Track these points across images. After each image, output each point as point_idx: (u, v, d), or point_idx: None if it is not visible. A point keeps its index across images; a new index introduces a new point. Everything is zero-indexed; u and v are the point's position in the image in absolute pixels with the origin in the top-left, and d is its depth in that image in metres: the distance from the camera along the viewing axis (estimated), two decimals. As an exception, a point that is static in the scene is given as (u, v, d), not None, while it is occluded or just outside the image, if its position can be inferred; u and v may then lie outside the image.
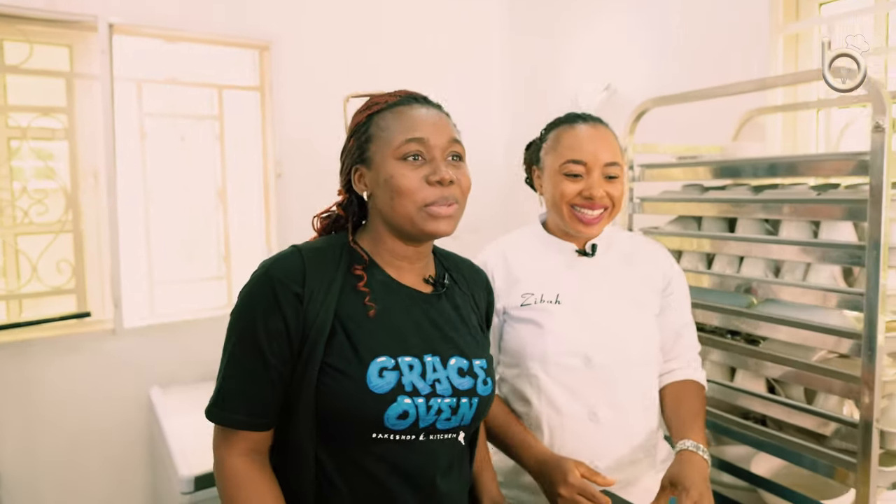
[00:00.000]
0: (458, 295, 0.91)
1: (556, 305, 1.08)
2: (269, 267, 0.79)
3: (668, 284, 1.12)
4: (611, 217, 1.08)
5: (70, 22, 1.94)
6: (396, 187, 0.79)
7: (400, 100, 0.84)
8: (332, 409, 0.76)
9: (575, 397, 1.06)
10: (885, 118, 1.01)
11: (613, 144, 1.08)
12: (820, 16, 1.69)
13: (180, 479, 1.33)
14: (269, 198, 2.22)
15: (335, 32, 2.25)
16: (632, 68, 2.06)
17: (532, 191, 1.21)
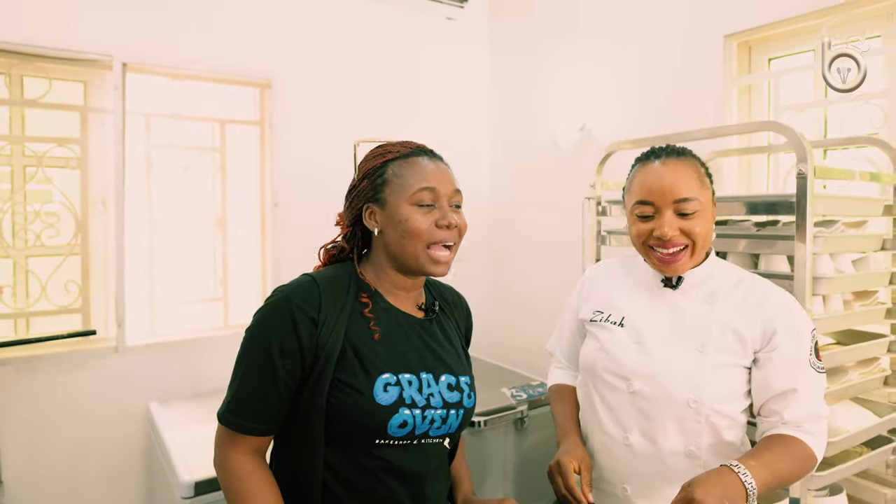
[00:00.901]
0: (444, 320, 1.05)
1: (618, 327, 1.10)
2: (289, 294, 0.91)
3: (769, 339, 1.02)
4: (696, 252, 1.04)
5: (88, 61, 2.11)
6: (410, 229, 0.93)
7: (412, 151, 0.99)
8: (343, 418, 0.89)
9: (614, 417, 1.08)
10: (806, 166, 1.18)
11: (688, 178, 1.02)
12: (769, 70, 1.88)
13: (181, 485, 1.44)
14: (265, 225, 2.37)
15: (331, 73, 2.44)
16: (604, 111, 2.26)
17: (524, 223, 1.32)
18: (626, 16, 2.18)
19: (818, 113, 1.77)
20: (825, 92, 1.76)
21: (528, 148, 2.63)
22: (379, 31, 2.55)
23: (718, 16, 1.87)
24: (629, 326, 1.09)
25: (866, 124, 1.61)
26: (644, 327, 1.08)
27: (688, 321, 1.05)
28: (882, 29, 1.62)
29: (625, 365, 1.07)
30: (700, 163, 1.07)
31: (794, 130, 1.21)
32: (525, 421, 1.92)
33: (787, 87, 1.85)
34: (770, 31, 1.81)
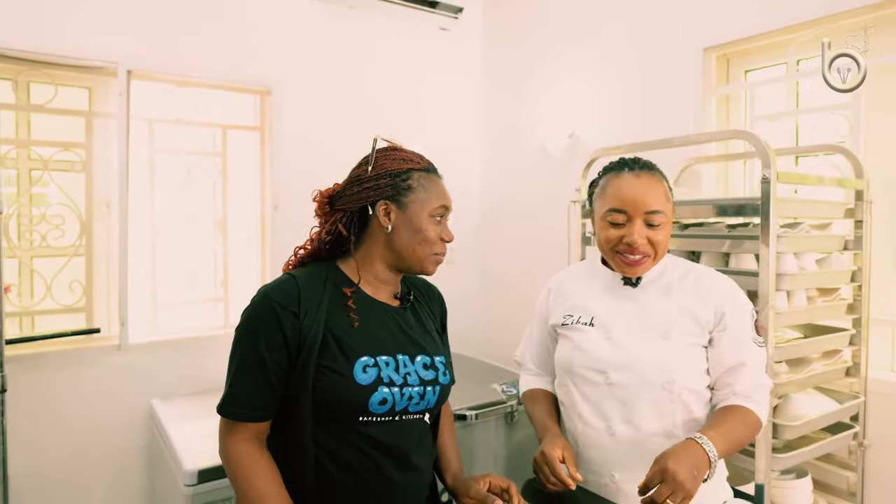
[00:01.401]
0: (419, 307, 1.17)
1: (588, 327, 1.22)
2: (269, 292, 1.02)
3: (720, 320, 1.16)
4: (656, 259, 1.18)
5: (94, 68, 2.20)
6: (426, 238, 1.08)
7: (430, 168, 1.13)
8: (328, 399, 0.99)
9: (595, 411, 1.19)
10: (770, 171, 1.30)
11: (657, 192, 1.15)
12: (746, 81, 2.02)
13: (185, 473, 1.54)
14: (265, 228, 2.48)
15: (328, 81, 2.57)
16: (592, 119, 2.39)
17: (515, 226, 1.41)
18: (613, 28, 2.32)
19: (791, 122, 1.90)
20: (797, 102, 1.89)
21: (520, 154, 2.76)
22: (375, 41, 2.68)
23: (698, 30, 2.01)
24: (599, 325, 1.20)
25: (833, 133, 1.74)
26: (612, 324, 1.19)
27: (650, 313, 1.18)
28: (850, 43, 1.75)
29: (600, 359, 1.18)
30: (665, 178, 1.20)
31: (760, 138, 1.33)
32: (515, 415, 2.03)
33: (763, 98, 1.98)
34: (746, 44, 1.94)
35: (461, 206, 2.89)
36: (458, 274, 2.90)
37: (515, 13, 2.81)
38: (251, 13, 2.39)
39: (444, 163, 2.96)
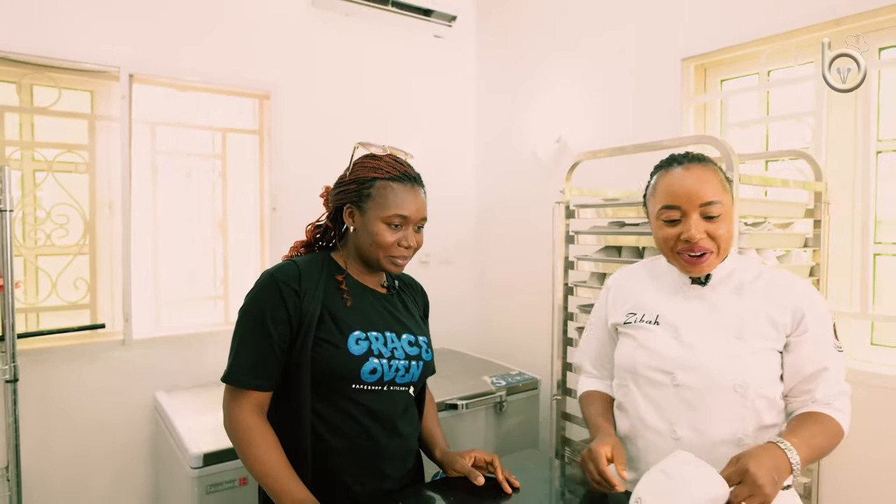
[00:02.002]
0: (404, 296, 1.34)
1: (654, 325, 1.18)
2: (274, 273, 1.18)
3: (800, 321, 1.11)
4: (720, 255, 1.12)
5: (96, 72, 2.32)
6: (377, 242, 1.19)
7: (398, 176, 1.21)
8: (324, 368, 1.14)
9: (659, 413, 1.15)
10: (733, 173, 1.46)
11: (711, 182, 1.09)
12: (721, 90, 2.19)
13: (191, 457, 1.67)
14: (264, 228, 2.62)
15: (326, 86, 2.71)
16: (579, 124, 2.56)
17: (507, 228, 1.50)
18: (598, 38, 2.49)
19: (762, 128, 2.07)
20: (767, 110, 2.07)
21: (512, 158, 2.92)
22: (371, 48, 2.83)
23: (677, 41, 2.18)
24: (664, 323, 1.17)
25: (799, 139, 1.91)
26: (680, 323, 1.15)
27: (722, 313, 1.13)
28: (813, 56, 1.92)
29: (667, 359, 1.13)
30: (720, 168, 1.15)
31: (725, 144, 1.50)
32: (503, 405, 2.18)
33: (738, 105, 2.15)
34: (721, 55, 2.11)
35: (456, 208, 3.08)
36: (454, 274, 3.06)
37: (506, 22, 2.98)
38: (250, 19, 2.53)
39: (440, 166, 3.18)
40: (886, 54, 1.80)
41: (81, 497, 2.21)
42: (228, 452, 1.69)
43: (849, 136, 1.84)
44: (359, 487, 1.17)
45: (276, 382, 1.16)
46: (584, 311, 1.94)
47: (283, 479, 1.09)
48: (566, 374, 1.99)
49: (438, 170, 3.04)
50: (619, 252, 1.86)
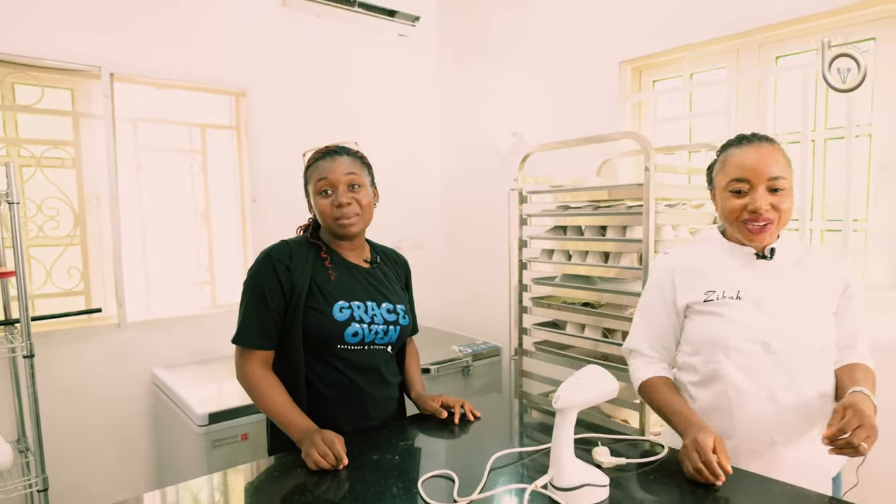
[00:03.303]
0: (386, 269, 1.66)
1: (737, 301, 1.32)
2: (270, 251, 1.51)
3: (846, 288, 1.35)
4: (780, 226, 1.29)
5: (78, 71, 2.57)
6: (318, 212, 1.51)
7: (321, 155, 1.51)
8: (313, 331, 1.47)
9: (755, 380, 1.29)
10: (651, 162, 1.87)
11: (777, 160, 1.27)
12: (654, 90, 2.62)
13: (197, 416, 2.01)
14: (245, 218, 2.94)
15: (298, 84, 3.04)
16: (532, 120, 2.96)
17: (470, 214, 1.81)
18: (548, 42, 2.89)
19: (685, 124, 2.52)
20: (690, 107, 2.51)
21: (473, 150, 3.31)
22: (341, 47, 3.16)
23: (616, 46, 2.60)
24: (747, 298, 1.32)
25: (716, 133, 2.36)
26: (761, 296, 1.32)
27: (792, 284, 1.33)
28: (726, 61, 2.37)
29: (759, 330, 1.29)
30: (782, 148, 1.32)
31: (643, 137, 1.91)
32: (470, 370, 2.59)
33: (669, 103, 2.59)
34: (653, 59, 2.54)
35: (423, 196, 3.47)
36: (425, 258, 3.45)
37: (467, 24, 3.36)
38: (225, 20, 2.81)
39: (407, 158, 3.65)
40: (783, 62, 2.25)
41: (91, 465, 2.52)
42: (230, 412, 2.05)
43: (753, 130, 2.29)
44: (348, 427, 1.51)
45: (275, 343, 1.48)
46: (537, 283, 2.35)
47: (290, 414, 1.42)
48: (522, 338, 2.41)
49: (406, 161, 3.41)
50: (564, 231, 2.27)
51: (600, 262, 2.13)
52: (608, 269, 2.06)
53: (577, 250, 2.20)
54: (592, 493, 1.15)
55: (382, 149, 3.28)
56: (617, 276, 2.05)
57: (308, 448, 1.32)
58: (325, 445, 1.31)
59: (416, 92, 3.48)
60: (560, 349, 2.30)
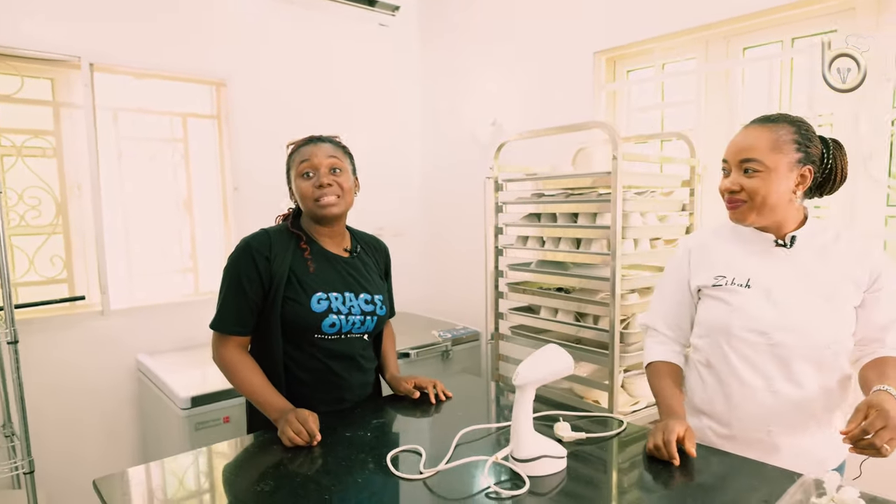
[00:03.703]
0: (366, 258, 1.70)
1: (745, 288, 1.31)
2: (249, 241, 1.54)
3: (875, 280, 1.29)
4: (756, 209, 1.28)
5: (58, 61, 2.59)
6: (300, 194, 1.54)
7: (302, 142, 1.57)
8: (291, 321, 1.52)
9: (755, 370, 1.30)
10: (618, 151, 1.95)
11: (759, 141, 1.26)
12: (628, 79, 2.69)
13: (181, 399, 2.08)
14: (227, 206, 2.99)
15: (278, 73, 3.08)
16: (510, 109, 3.03)
17: (450, 202, 1.83)
18: (526, 32, 2.95)
19: (658, 113, 2.59)
20: (662, 97, 2.58)
21: (453, 139, 3.38)
22: (320, 36, 3.20)
23: (590, 37, 2.66)
24: (756, 286, 1.31)
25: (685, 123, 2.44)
26: (772, 286, 1.30)
27: (810, 275, 1.30)
28: (696, 52, 2.44)
29: (762, 321, 1.29)
30: (794, 129, 1.28)
31: (611, 127, 1.99)
32: (449, 354, 2.68)
33: (643, 93, 2.66)
34: (627, 49, 2.61)
35: (404, 184, 3.54)
36: (406, 245, 3.52)
37: (446, 13, 3.41)
38: (204, 10, 2.83)
39: (388, 147, 3.71)
40: (750, 53, 2.33)
41: (78, 449, 2.58)
42: (212, 395, 2.12)
43: (721, 120, 2.37)
44: (323, 407, 1.56)
45: (252, 328, 1.53)
46: (513, 269, 2.43)
47: (266, 394, 1.48)
48: (498, 322, 2.49)
49: (388, 150, 3.47)
50: (538, 218, 2.35)
51: (572, 249, 2.21)
52: (578, 255, 2.14)
53: (551, 237, 2.28)
54: (550, 464, 1.24)
55: (364, 138, 3.32)
56: (588, 262, 2.13)
57: (283, 426, 1.39)
58: (299, 423, 1.38)
59: (397, 82, 3.53)
60: (536, 333, 2.38)
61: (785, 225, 1.33)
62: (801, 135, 1.29)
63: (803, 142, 1.29)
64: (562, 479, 1.22)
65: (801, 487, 1.05)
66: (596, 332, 2.07)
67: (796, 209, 1.33)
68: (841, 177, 1.34)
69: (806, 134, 1.30)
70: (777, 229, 1.33)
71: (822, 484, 1.05)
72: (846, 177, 1.35)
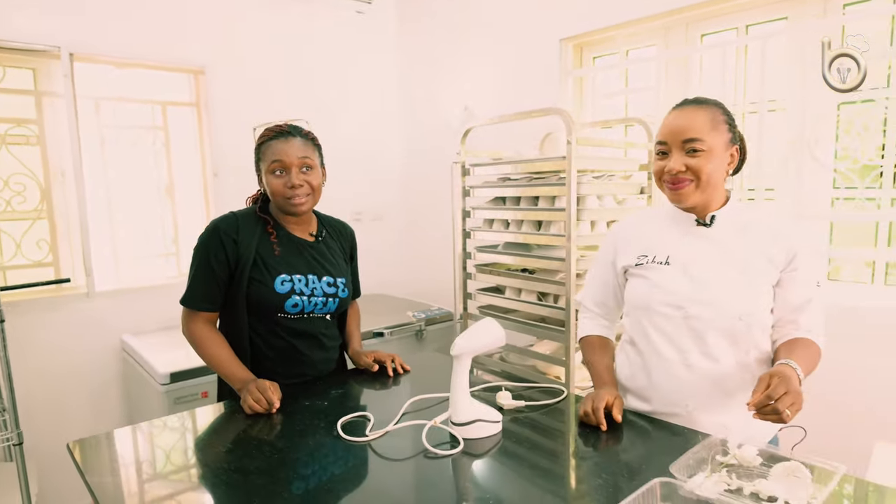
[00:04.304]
0: (331, 241, 1.79)
1: (664, 266, 1.37)
2: (218, 223, 1.64)
3: (790, 260, 1.32)
4: (701, 186, 1.30)
5: (39, 51, 2.67)
6: (270, 190, 1.62)
7: (274, 135, 1.61)
8: (256, 301, 1.62)
9: (671, 344, 1.36)
10: (572, 136, 2.04)
11: (697, 121, 1.28)
12: (594, 66, 2.78)
13: (160, 375, 2.20)
14: (207, 192, 3.09)
15: (256, 60, 3.15)
16: (481, 95, 3.12)
17: (426, 186, 1.90)
18: (498, 21, 3.03)
19: (622, 99, 2.68)
20: (626, 83, 2.67)
21: (429, 124, 3.47)
22: (297, 24, 3.27)
23: (556, 24, 2.74)
24: (675, 263, 1.37)
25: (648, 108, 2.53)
26: (689, 261, 1.36)
27: (727, 250, 1.35)
28: (657, 39, 2.52)
29: (678, 294, 1.34)
30: (721, 110, 1.33)
31: (566, 113, 2.08)
32: (423, 333, 2.80)
33: (608, 79, 2.74)
34: (591, 37, 2.69)
35: (383, 169, 3.64)
36: (384, 229, 3.63)
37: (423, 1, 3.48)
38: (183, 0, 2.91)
39: (367, 133, 3.81)
40: (707, 39, 2.41)
41: (65, 423, 2.71)
42: (190, 372, 2.24)
43: (681, 105, 2.46)
44: (289, 382, 1.66)
45: (220, 305, 1.64)
46: (481, 251, 2.54)
47: (231, 366, 1.59)
48: (466, 302, 2.60)
49: (366, 136, 3.56)
50: (504, 202, 2.45)
51: (534, 231, 2.32)
52: (538, 237, 2.24)
53: (514, 220, 2.38)
54: (485, 428, 1.35)
55: (342, 124, 3.41)
56: (548, 244, 2.24)
57: (245, 395, 1.51)
58: (259, 392, 1.50)
59: (374, 68, 3.61)
60: (503, 313, 2.50)
61: (710, 205, 1.37)
62: (728, 115, 1.35)
63: (731, 122, 1.35)
64: (497, 442, 1.33)
65: (705, 445, 1.16)
66: (555, 310, 2.19)
67: (722, 189, 1.38)
68: (745, 156, 1.41)
69: (730, 115, 1.36)
70: (703, 209, 1.37)
71: (725, 443, 1.16)
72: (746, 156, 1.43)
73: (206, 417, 1.58)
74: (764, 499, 1.00)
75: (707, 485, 1.01)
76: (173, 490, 1.17)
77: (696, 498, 0.99)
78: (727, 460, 1.12)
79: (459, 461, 1.25)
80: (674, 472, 1.04)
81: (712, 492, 0.99)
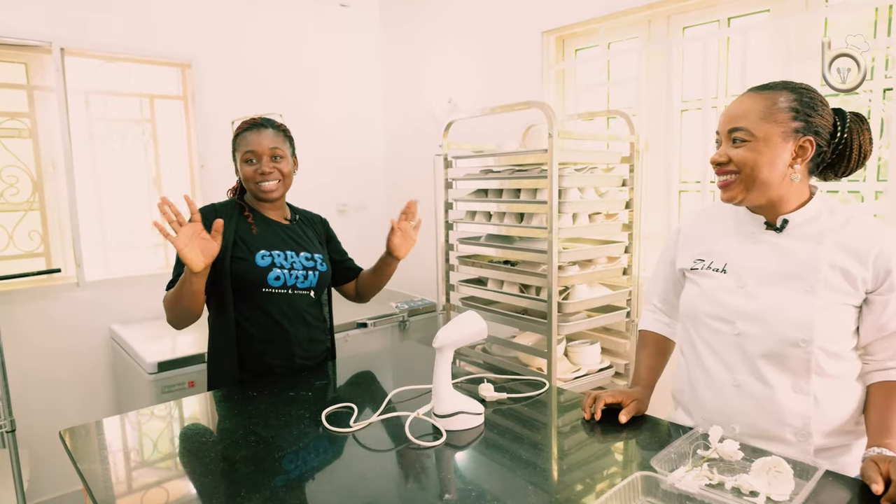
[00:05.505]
0: (305, 227, 1.82)
1: (720, 273, 1.19)
2: (198, 211, 1.62)
3: (884, 280, 1.08)
4: (745, 183, 1.11)
5: (30, 46, 2.61)
6: (243, 177, 1.69)
7: (247, 127, 1.68)
8: (240, 277, 1.63)
9: (719, 360, 1.19)
10: (553, 129, 1.98)
11: (749, 111, 1.10)
12: (576, 59, 2.71)
13: (148, 365, 2.15)
14: (195, 183, 3.01)
15: (241, 54, 3.09)
16: (465, 87, 3.05)
17: (410, 177, 1.84)
18: (481, 13, 2.96)
19: (604, 91, 2.62)
20: (608, 76, 2.61)
21: (413, 116, 3.39)
22: (282, 18, 3.19)
23: (539, 16, 2.67)
24: (732, 272, 1.18)
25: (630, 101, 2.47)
26: (747, 271, 1.16)
27: (794, 263, 1.12)
28: (639, 32, 2.46)
29: (728, 308, 1.16)
30: (792, 97, 1.10)
31: (546, 106, 2.02)
32: (406, 324, 2.74)
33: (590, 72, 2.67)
34: (572, 29, 2.62)
35: (367, 161, 3.56)
36: (369, 220, 3.55)
37: (409, -9, 3.38)
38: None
39: (350, 124, 3.72)
40: (689, 32, 2.35)
41: (56, 410, 2.67)
42: (177, 361, 2.20)
43: (661, 98, 2.40)
44: (275, 362, 1.67)
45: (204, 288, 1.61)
46: (463, 243, 2.47)
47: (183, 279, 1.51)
48: (449, 293, 2.55)
49: (351, 128, 3.49)
50: (486, 194, 2.39)
51: (516, 223, 2.26)
52: (520, 230, 2.19)
53: (496, 212, 2.32)
54: (467, 419, 1.31)
55: (328, 116, 3.36)
56: (530, 236, 2.18)
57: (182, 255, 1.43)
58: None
59: (360, 61, 3.54)
60: (486, 304, 2.45)
61: (782, 205, 1.15)
62: (803, 102, 1.11)
63: (803, 109, 1.11)
64: (479, 434, 1.31)
65: (688, 439, 1.12)
66: (536, 302, 2.14)
67: (798, 187, 1.14)
68: (859, 155, 1.14)
69: (809, 102, 1.12)
70: (772, 210, 1.16)
71: (707, 437, 1.12)
72: (867, 155, 1.14)
73: (192, 407, 1.54)
74: (745, 493, 0.96)
75: (688, 479, 0.97)
76: (160, 478, 1.16)
77: (677, 492, 0.94)
78: (709, 454, 1.09)
79: (442, 452, 1.23)
80: (655, 465, 1.01)
81: (693, 486, 0.95)
